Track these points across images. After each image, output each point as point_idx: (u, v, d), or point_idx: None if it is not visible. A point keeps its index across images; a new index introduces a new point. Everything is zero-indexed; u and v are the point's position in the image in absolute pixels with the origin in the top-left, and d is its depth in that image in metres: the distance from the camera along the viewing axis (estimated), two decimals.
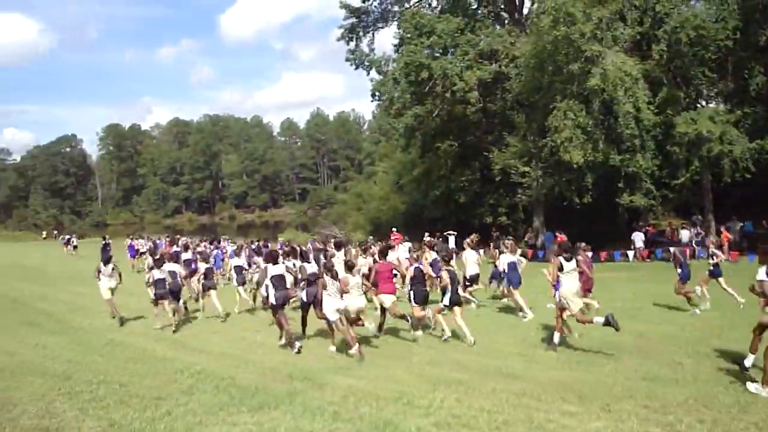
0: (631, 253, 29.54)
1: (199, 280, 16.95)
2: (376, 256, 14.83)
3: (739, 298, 14.53)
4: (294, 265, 13.67)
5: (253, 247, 25.20)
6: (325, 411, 7.51)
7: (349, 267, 12.16)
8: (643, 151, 29.78)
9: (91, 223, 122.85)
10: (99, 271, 16.41)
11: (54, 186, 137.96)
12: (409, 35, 35.20)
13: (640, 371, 9.43)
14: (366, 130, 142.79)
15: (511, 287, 15.85)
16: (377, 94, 38.42)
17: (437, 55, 34.32)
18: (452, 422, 7.13)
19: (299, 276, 13.02)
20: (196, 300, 17.42)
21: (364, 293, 12.45)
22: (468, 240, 19.14)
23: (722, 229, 29.32)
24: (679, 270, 15.77)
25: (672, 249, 20.07)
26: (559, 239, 31.28)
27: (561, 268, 11.36)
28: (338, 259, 14.43)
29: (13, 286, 24.66)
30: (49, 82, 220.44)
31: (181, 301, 15.73)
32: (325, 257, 16.85)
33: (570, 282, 11.35)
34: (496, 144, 35.77)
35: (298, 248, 17.07)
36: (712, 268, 15.64)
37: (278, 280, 12.19)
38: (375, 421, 7.16)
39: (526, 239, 35.52)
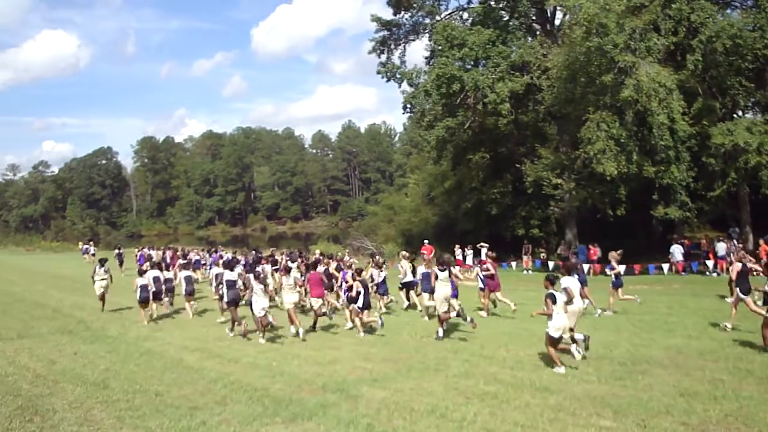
0: (666, 266, 29.07)
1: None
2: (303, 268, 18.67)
3: None
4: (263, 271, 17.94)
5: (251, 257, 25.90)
6: (358, 423, 7.52)
7: (287, 270, 16.13)
8: (678, 162, 29.39)
9: (126, 234, 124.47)
10: (94, 272, 20.44)
11: (90, 197, 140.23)
12: (440, 47, 35.29)
13: (678, 387, 9.22)
14: (397, 142, 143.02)
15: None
16: (409, 106, 38.52)
17: (469, 67, 34.34)
18: None
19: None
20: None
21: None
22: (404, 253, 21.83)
23: (761, 241, 28.75)
24: (614, 278, 18.19)
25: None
26: (592, 252, 31.10)
27: (436, 277, 14.14)
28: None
29: (52, 295, 25.13)
30: (87, 96, 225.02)
31: (166, 300, 19.66)
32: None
33: (442, 289, 13.70)
34: (528, 156, 35.58)
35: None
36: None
37: (231, 284, 15.46)
38: None
39: (558, 252, 35.22)
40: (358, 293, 14.93)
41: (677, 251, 29.31)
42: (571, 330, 11.50)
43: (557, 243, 36.73)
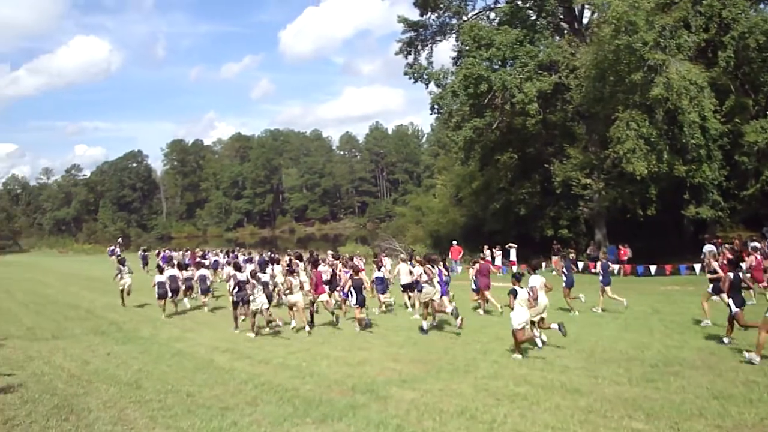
0: (698, 266, 28.65)
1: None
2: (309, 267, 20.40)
3: None
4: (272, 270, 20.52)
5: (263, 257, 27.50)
6: (388, 424, 7.54)
7: (290, 272, 16.69)
8: (709, 161, 29.01)
9: (156, 236, 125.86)
10: (119, 270, 22.21)
11: (121, 200, 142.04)
12: (467, 48, 35.20)
13: (711, 389, 9.09)
14: (424, 143, 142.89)
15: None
16: (436, 107, 38.48)
17: (496, 67, 34.20)
18: None
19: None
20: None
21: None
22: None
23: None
24: (564, 277, 18.84)
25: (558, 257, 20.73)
26: (622, 252, 30.80)
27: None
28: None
29: (84, 297, 25.53)
30: (118, 100, 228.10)
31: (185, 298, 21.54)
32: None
33: (542, 297, 12.94)
34: (557, 156, 35.36)
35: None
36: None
37: (243, 284, 16.51)
38: None
39: (588, 252, 34.94)
40: (350, 291, 16.46)
41: (709, 251, 28.87)
42: (542, 320, 12.91)
43: (586, 243, 36.43)
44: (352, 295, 16.56)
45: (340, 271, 20.36)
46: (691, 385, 9.32)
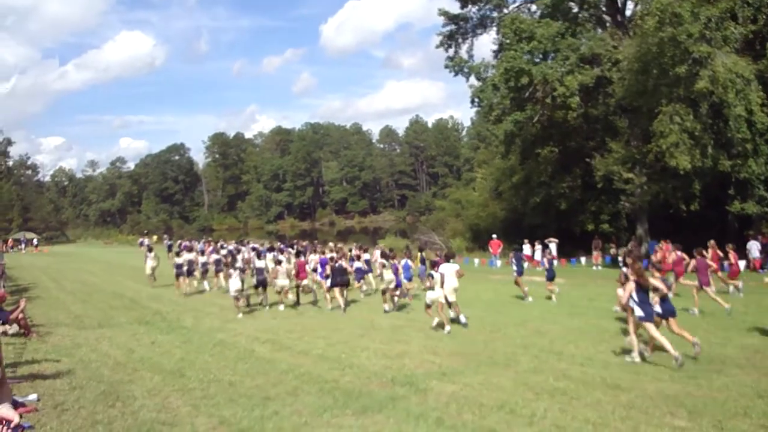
0: (742, 263, 28.07)
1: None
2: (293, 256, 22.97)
3: None
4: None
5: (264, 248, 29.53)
6: (428, 417, 7.60)
7: (278, 262, 20.46)
8: (755, 155, 28.37)
9: (198, 228, 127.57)
10: (147, 256, 26.61)
11: (164, 192, 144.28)
12: (508, 41, 34.90)
13: (756, 388, 8.93)
14: (464, 136, 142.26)
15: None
16: (477, 100, 38.30)
17: (537, 60, 33.86)
18: None
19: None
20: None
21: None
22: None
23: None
24: (515, 267, 20.72)
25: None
26: (665, 248, 30.32)
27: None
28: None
29: (129, 287, 26.13)
30: (161, 93, 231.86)
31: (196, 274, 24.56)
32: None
33: (450, 280, 15.35)
34: (598, 150, 34.95)
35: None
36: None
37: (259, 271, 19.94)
38: (478, 429, 7.20)
39: (629, 247, 34.50)
40: (329, 275, 19.38)
41: (754, 248, 28.22)
42: (451, 303, 15.51)
43: (628, 238, 35.99)
44: (328, 279, 19.53)
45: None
46: (735, 384, 9.19)
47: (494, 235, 36.49)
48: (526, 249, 33.54)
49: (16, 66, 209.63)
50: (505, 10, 38.74)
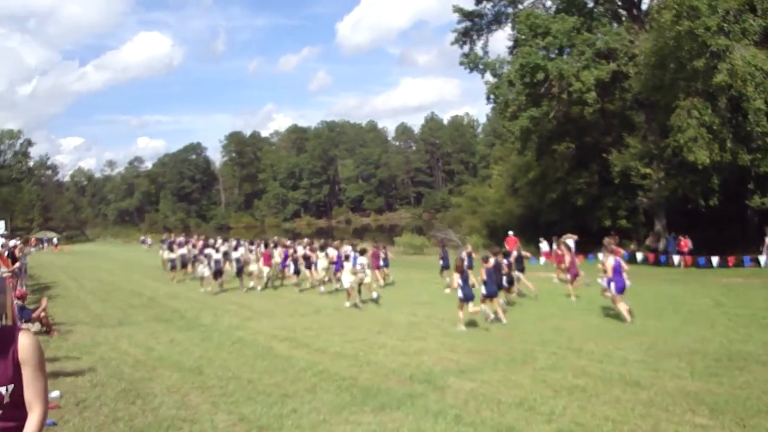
0: (763, 258, 27.81)
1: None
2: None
3: None
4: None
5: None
6: (446, 414, 7.60)
7: (249, 251, 25.69)
8: None
9: (215, 226, 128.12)
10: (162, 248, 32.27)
11: (181, 191, 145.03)
12: (523, 36, 34.85)
13: None
14: (480, 133, 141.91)
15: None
16: (492, 96, 38.22)
17: (553, 55, 33.75)
18: (575, 430, 7.03)
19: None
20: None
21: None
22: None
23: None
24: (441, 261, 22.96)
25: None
26: (683, 243, 30.17)
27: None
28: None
29: (148, 285, 26.36)
30: (179, 93, 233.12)
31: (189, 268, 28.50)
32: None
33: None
34: (615, 145, 34.78)
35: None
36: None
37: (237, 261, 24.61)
38: (497, 426, 7.20)
39: (647, 243, 34.33)
40: (289, 264, 24.03)
41: None
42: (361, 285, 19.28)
43: (645, 234, 35.80)
44: (289, 267, 24.17)
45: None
46: (758, 381, 9.05)
47: (510, 232, 36.38)
48: (544, 246, 33.39)
49: (37, 68, 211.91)
50: (520, 6, 38.59)
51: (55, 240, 76.16)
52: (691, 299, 17.95)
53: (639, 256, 32.12)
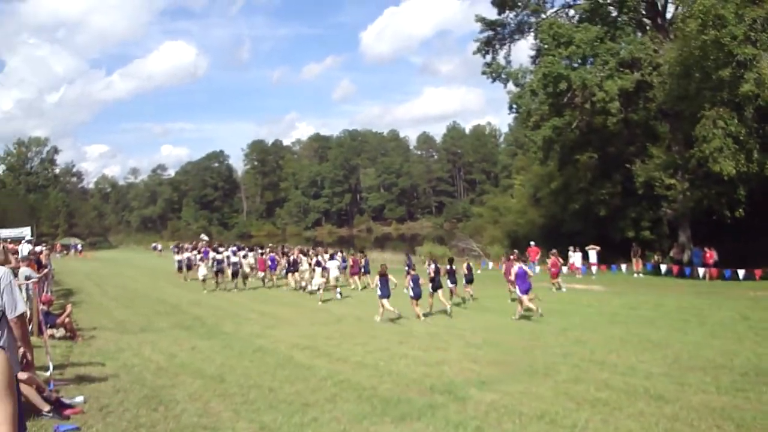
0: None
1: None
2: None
3: None
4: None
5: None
6: (467, 425, 7.53)
7: (244, 257, 30.59)
8: None
9: (237, 234, 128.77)
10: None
11: (203, 199, 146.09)
12: (546, 46, 34.75)
13: None
14: (502, 142, 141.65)
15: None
16: (515, 106, 38.14)
17: (576, 65, 33.66)
18: None
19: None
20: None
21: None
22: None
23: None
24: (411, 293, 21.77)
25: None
26: (708, 255, 29.80)
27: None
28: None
29: (172, 293, 26.56)
30: (202, 102, 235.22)
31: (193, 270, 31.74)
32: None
33: (333, 272, 25.25)
34: (639, 155, 34.52)
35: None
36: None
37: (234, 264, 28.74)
38: None
39: (671, 255, 33.96)
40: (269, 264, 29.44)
41: None
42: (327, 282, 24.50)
43: (670, 245, 35.44)
44: (271, 269, 29.69)
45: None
46: None
47: (532, 243, 36.21)
48: (575, 258, 33.06)
49: (65, 76, 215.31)
50: (543, 16, 38.53)
51: (79, 246, 76.98)
52: (717, 312, 17.70)
53: (663, 267, 31.81)
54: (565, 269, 31.49)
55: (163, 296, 25.07)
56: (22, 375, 7.51)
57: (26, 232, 54.96)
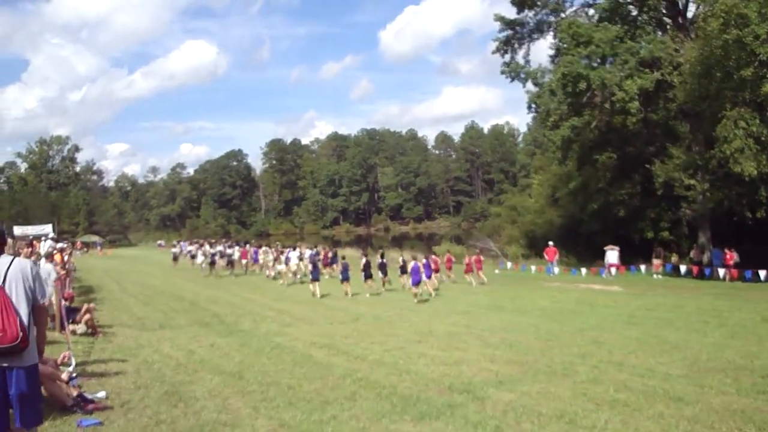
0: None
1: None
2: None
3: None
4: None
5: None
6: (486, 425, 7.53)
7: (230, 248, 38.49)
8: None
9: (255, 233, 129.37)
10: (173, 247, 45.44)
11: (222, 197, 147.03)
12: (566, 45, 34.58)
13: None
14: (520, 142, 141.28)
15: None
16: (533, 105, 38.01)
17: (595, 65, 33.44)
18: None
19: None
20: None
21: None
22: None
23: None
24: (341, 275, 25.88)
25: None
26: (728, 256, 29.56)
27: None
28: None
29: (190, 289, 26.76)
30: (222, 100, 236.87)
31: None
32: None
33: (293, 261, 30.44)
34: (659, 155, 34.26)
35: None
36: None
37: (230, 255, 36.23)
38: None
39: (691, 256, 33.70)
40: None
41: None
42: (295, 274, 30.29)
43: (689, 246, 35.17)
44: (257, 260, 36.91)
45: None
46: None
47: (551, 243, 36.06)
48: (612, 257, 33.01)
49: (87, 75, 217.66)
50: (562, 15, 38.33)
51: (98, 244, 77.76)
52: (737, 314, 17.54)
53: (682, 268, 31.58)
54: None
55: (182, 293, 25.25)
56: (46, 369, 7.65)
57: (48, 229, 55.68)
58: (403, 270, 26.40)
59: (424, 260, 24.55)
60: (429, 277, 24.34)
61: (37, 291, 5.15)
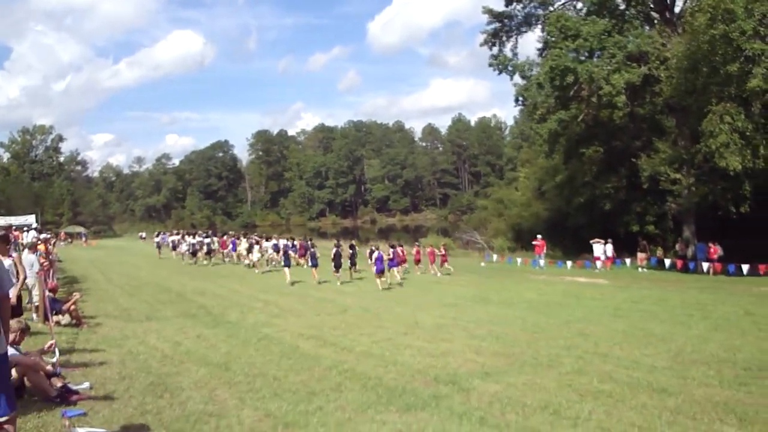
0: None
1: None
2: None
3: None
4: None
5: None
6: (471, 416, 7.56)
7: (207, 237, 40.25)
8: None
9: (241, 224, 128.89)
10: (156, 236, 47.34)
11: (208, 188, 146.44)
12: (553, 38, 34.60)
13: None
14: (507, 135, 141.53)
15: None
16: (521, 98, 38.05)
17: (583, 58, 33.49)
18: None
19: None
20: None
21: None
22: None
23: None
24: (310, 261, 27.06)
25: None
26: (712, 250, 29.77)
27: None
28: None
29: (177, 281, 26.62)
30: (208, 91, 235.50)
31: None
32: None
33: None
34: (645, 150, 34.44)
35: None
36: None
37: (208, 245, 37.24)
38: (521, 429, 7.14)
39: (676, 249, 33.92)
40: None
41: None
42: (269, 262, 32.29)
43: (674, 240, 35.39)
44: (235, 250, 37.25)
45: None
46: None
47: (539, 236, 36.18)
48: (598, 249, 33.18)
49: (72, 64, 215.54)
50: (551, 8, 38.33)
51: (83, 235, 77.28)
52: (721, 307, 17.69)
53: (667, 262, 31.79)
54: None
55: (168, 284, 25.12)
56: (29, 360, 7.58)
57: (31, 219, 55.18)
58: (353, 262, 28.31)
59: (390, 251, 26.74)
60: (393, 267, 26.25)
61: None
